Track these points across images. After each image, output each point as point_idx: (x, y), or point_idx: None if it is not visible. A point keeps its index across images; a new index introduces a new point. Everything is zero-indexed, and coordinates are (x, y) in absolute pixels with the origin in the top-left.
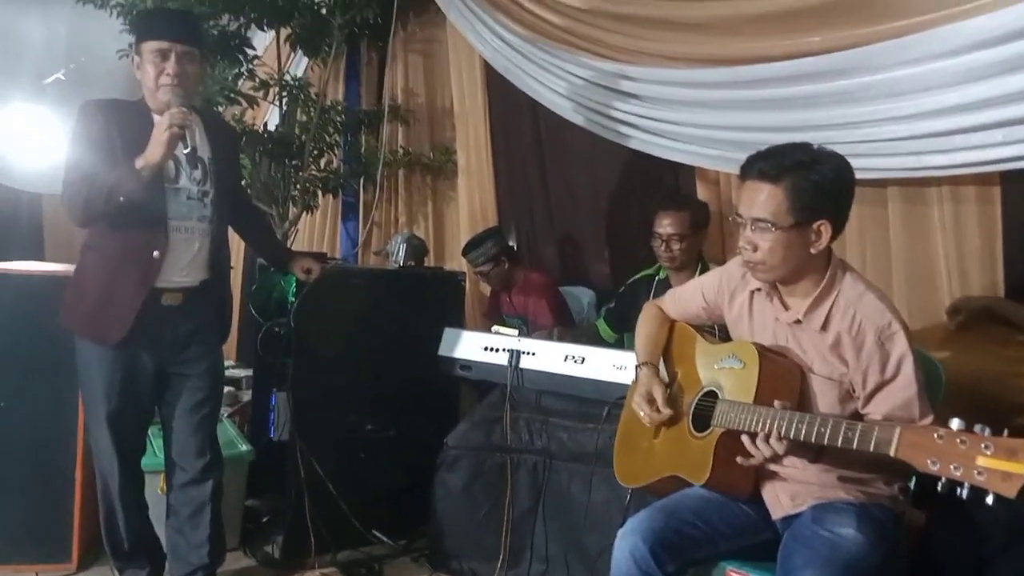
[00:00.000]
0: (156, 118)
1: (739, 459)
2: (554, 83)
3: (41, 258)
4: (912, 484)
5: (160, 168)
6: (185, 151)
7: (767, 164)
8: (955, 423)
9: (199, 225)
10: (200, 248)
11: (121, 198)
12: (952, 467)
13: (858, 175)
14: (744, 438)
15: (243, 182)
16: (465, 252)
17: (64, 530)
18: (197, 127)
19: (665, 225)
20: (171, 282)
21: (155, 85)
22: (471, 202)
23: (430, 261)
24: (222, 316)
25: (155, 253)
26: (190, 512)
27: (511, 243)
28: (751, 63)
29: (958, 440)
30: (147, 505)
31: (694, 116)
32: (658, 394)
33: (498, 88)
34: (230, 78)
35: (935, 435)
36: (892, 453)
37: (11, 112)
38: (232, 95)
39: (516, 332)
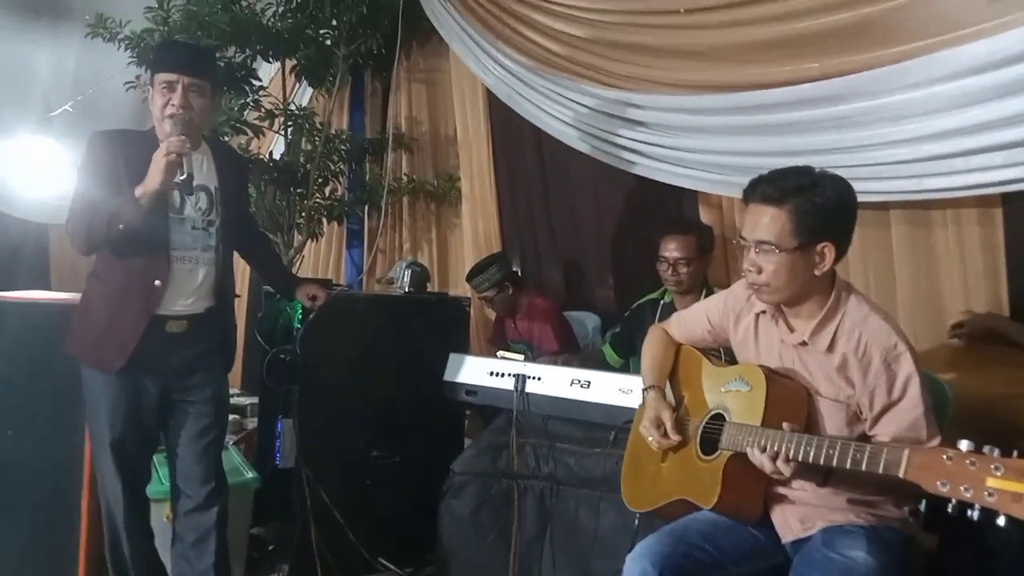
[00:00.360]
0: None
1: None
2: (557, 111)
3: (47, 287)
4: (923, 506)
5: (159, 195)
6: (181, 178)
7: (770, 187)
8: (964, 444)
9: (203, 255)
10: (205, 277)
11: (121, 226)
12: (962, 488)
13: (860, 198)
14: (752, 451)
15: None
16: (469, 278)
17: (70, 557)
18: (205, 157)
19: (671, 249)
20: (174, 310)
21: (161, 115)
22: (475, 228)
23: (434, 287)
24: (227, 343)
25: (156, 282)
26: (195, 539)
27: (515, 269)
28: (752, 89)
29: (967, 461)
30: (152, 533)
31: (696, 142)
32: (666, 418)
33: (501, 116)
34: (236, 108)
35: (944, 456)
36: (901, 475)
37: (19, 143)
38: (238, 125)
39: (521, 357)
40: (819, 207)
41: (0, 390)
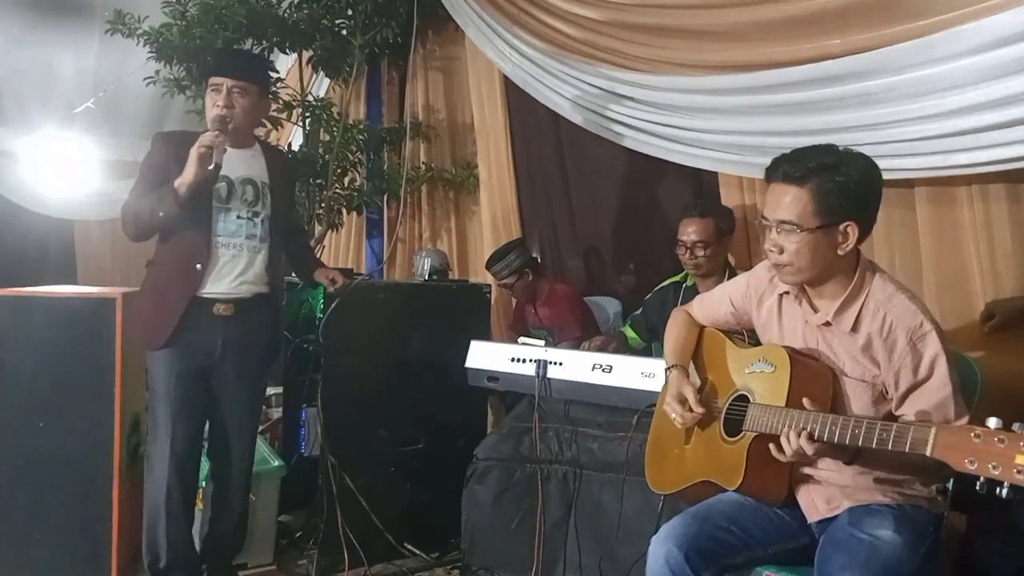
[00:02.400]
0: None
1: (771, 448)
2: (574, 95)
3: (74, 282)
4: (951, 485)
5: (196, 186)
6: (210, 167)
7: (792, 166)
8: (992, 422)
9: (247, 243)
10: (249, 264)
11: (161, 213)
12: (990, 466)
13: (884, 176)
14: (782, 439)
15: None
16: (488, 265)
17: (102, 549)
18: (256, 155)
19: (690, 233)
20: (221, 293)
21: (208, 115)
22: (493, 215)
23: (454, 275)
24: (276, 330)
25: (197, 265)
26: (214, 515)
27: (535, 255)
28: (773, 68)
29: (996, 439)
30: (193, 519)
31: (716, 123)
32: (689, 394)
33: (518, 102)
34: None
35: (972, 434)
36: (928, 453)
37: (43, 141)
38: None
39: (543, 342)
40: (842, 186)
41: (30, 384)
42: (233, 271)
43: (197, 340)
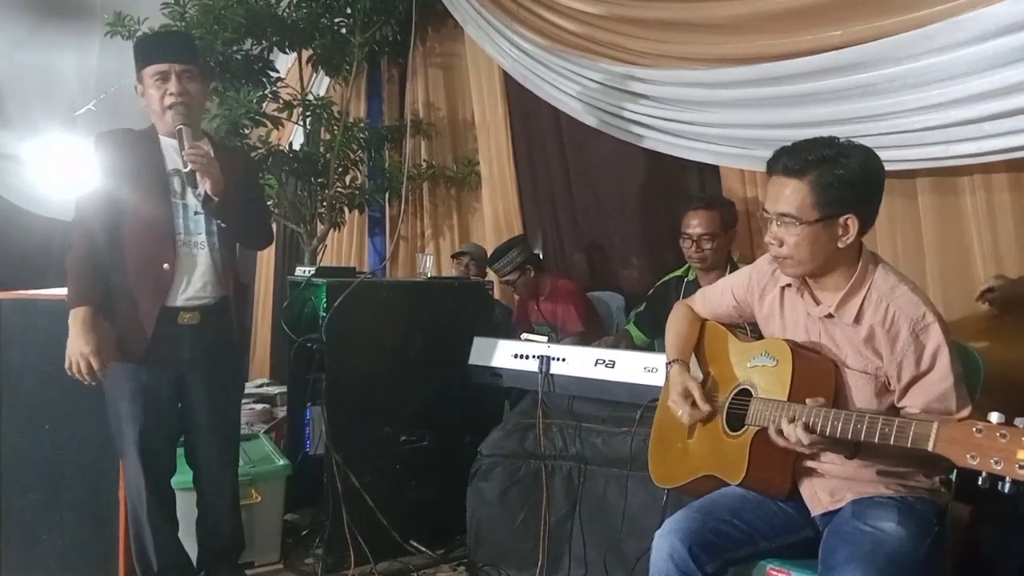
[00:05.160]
0: (164, 141)
1: (771, 433)
2: (574, 89)
3: None
4: (954, 476)
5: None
6: (185, 171)
7: (791, 159)
8: (994, 416)
9: (208, 239)
10: (212, 263)
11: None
12: (992, 462)
13: (886, 167)
14: (780, 426)
15: (270, 202)
16: (490, 262)
17: (110, 549)
18: (206, 147)
19: (694, 225)
20: (186, 300)
21: (161, 108)
22: (495, 212)
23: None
24: (240, 333)
25: (165, 265)
26: (211, 524)
27: (537, 251)
28: (772, 60)
29: (998, 434)
30: (177, 524)
31: (717, 116)
32: (694, 390)
33: (518, 97)
34: (255, 100)
35: (974, 429)
36: (930, 448)
37: (46, 143)
38: (257, 117)
39: (546, 338)
40: (841, 179)
41: (35, 386)
42: (197, 271)
43: (164, 352)
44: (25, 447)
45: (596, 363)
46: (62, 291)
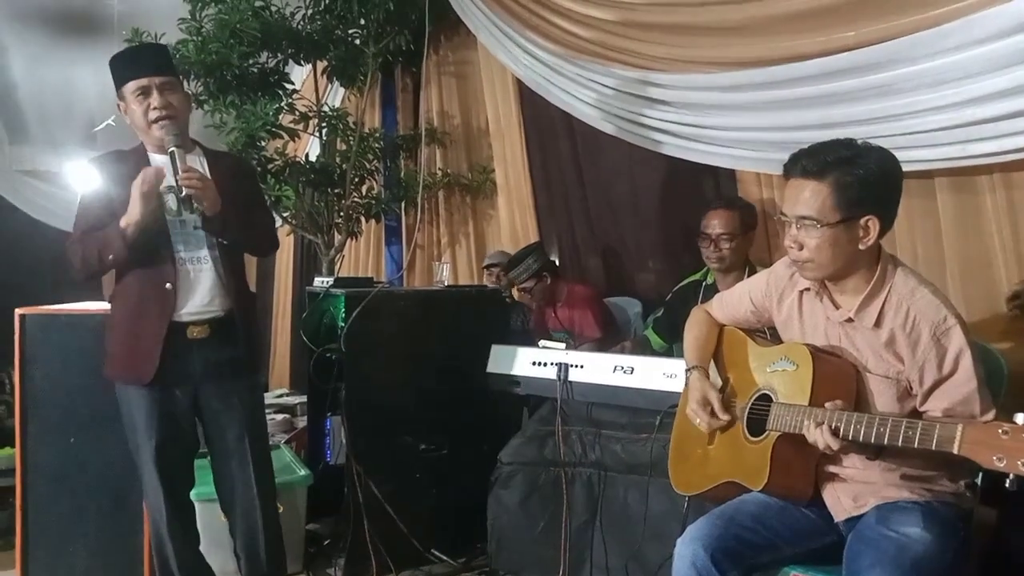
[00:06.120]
0: (154, 157)
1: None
2: (588, 96)
3: (100, 298)
4: (979, 480)
5: (143, 224)
6: (180, 195)
7: (810, 161)
8: (1020, 418)
9: (210, 253)
10: (216, 276)
11: (110, 257)
12: (1020, 463)
13: (903, 167)
14: (807, 424)
15: (287, 213)
16: (507, 270)
17: (136, 561)
18: (199, 159)
19: (715, 225)
20: (193, 314)
21: (146, 123)
22: (511, 219)
23: (473, 280)
24: (251, 345)
25: (167, 285)
26: (246, 541)
27: (553, 258)
28: (786, 62)
29: None
30: (198, 537)
31: (732, 119)
32: (713, 399)
33: (532, 104)
34: (271, 113)
35: (1000, 431)
36: (955, 451)
37: (66, 158)
38: (274, 129)
39: (563, 345)
40: (861, 180)
41: (60, 399)
42: (202, 287)
43: (176, 368)
44: (51, 460)
45: (615, 369)
46: (83, 306)
